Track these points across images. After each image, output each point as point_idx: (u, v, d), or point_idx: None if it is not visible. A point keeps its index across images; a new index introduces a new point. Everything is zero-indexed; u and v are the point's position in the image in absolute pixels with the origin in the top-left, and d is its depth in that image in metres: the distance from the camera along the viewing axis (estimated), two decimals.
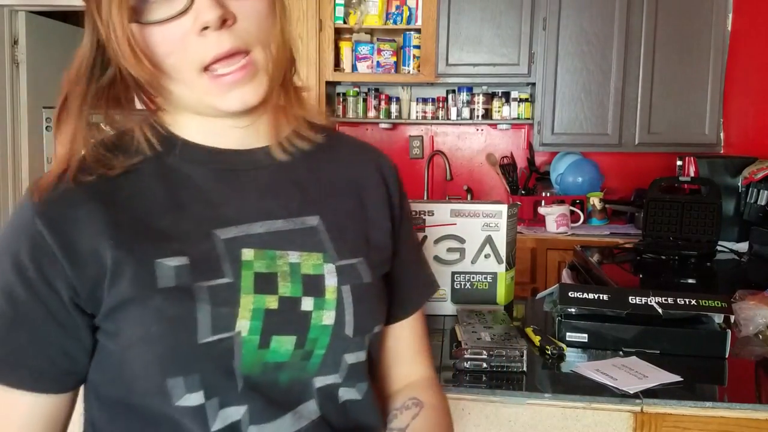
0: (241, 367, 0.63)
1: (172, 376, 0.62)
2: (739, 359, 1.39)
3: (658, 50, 3.39)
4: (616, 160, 3.75)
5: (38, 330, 0.62)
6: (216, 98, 0.64)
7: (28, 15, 4.12)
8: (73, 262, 0.62)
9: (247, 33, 0.62)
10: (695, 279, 2.42)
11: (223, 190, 0.69)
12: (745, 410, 1.16)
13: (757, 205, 2.79)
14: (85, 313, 0.63)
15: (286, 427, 0.66)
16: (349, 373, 0.70)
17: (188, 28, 0.60)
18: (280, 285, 0.66)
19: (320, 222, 0.71)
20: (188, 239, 0.65)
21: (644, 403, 1.17)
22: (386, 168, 0.81)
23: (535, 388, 1.22)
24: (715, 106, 3.40)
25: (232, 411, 0.64)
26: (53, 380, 0.64)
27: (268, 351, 0.64)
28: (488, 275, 1.66)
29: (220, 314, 0.62)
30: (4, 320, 0.62)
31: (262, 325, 0.64)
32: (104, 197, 0.64)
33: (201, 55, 0.61)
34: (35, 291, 0.62)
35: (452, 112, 3.70)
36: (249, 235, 0.67)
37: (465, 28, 3.48)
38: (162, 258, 0.63)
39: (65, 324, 0.63)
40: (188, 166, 0.69)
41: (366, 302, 0.70)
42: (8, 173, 4.08)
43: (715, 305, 1.40)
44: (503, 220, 1.65)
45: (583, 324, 1.41)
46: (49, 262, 0.61)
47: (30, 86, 4.15)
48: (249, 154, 0.71)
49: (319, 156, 0.76)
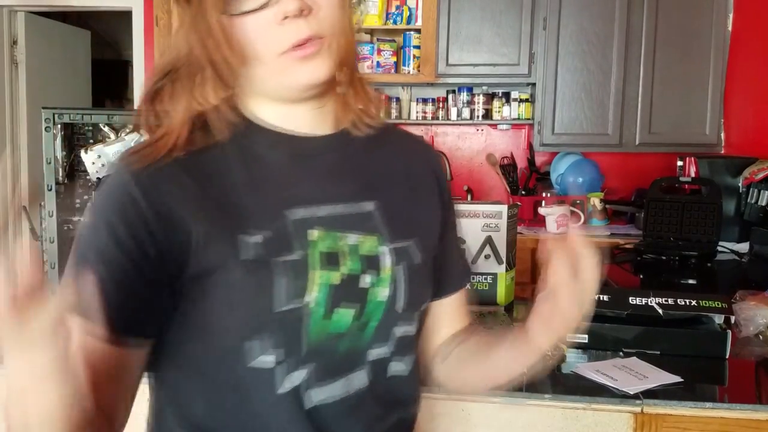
0: (308, 334, 0.70)
1: (249, 339, 0.68)
2: (739, 360, 1.39)
3: (659, 50, 3.39)
4: (616, 161, 3.74)
5: (128, 287, 0.67)
6: (290, 75, 0.70)
7: (27, 15, 4.11)
8: (163, 227, 0.67)
9: (322, 22, 0.69)
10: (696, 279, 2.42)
11: (293, 173, 0.75)
12: (745, 411, 1.16)
13: (757, 205, 2.78)
14: (169, 275, 0.68)
15: (337, 391, 0.72)
16: (398, 346, 0.77)
17: (271, 17, 0.67)
18: (342, 263, 0.73)
19: (376, 207, 0.77)
20: (264, 217, 0.71)
21: (644, 403, 1.17)
22: (435, 158, 0.89)
23: (535, 389, 1.21)
24: (716, 106, 3.39)
25: (296, 375, 0.70)
26: (139, 333, 0.69)
27: (330, 321, 0.71)
28: (488, 276, 1.66)
29: (293, 286, 0.69)
30: (98, 277, 0.64)
31: (327, 298, 0.71)
32: (193, 172, 0.70)
33: (281, 42, 0.68)
34: (126, 250, 0.67)
35: (452, 112, 3.70)
36: (315, 218, 0.73)
37: (465, 28, 3.48)
38: (243, 234, 0.69)
39: (152, 283, 0.68)
40: (263, 148, 0.75)
41: (417, 281, 0.77)
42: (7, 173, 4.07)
43: (716, 306, 1.40)
44: (503, 221, 1.64)
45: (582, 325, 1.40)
46: (141, 225, 0.67)
47: (29, 86, 4.14)
48: (317, 141, 0.77)
49: (376, 145, 0.82)
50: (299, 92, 0.73)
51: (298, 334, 0.69)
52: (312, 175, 0.76)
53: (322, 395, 0.72)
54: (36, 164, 4.12)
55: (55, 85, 4.38)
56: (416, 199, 0.83)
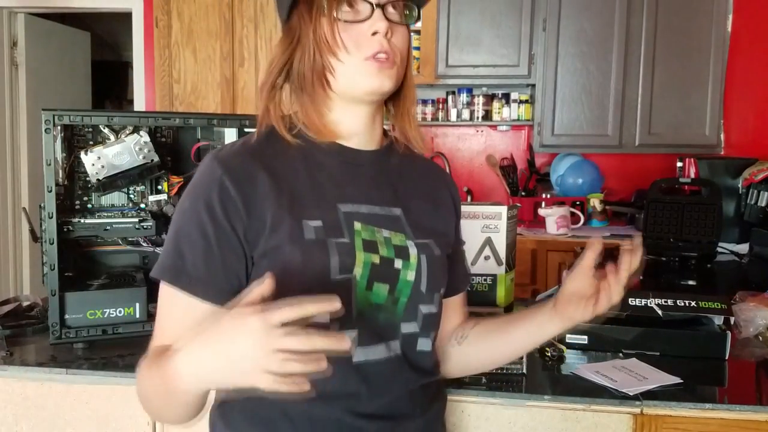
0: (356, 301, 0.87)
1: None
2: (739, 360, 1.39)
3: (658, 51, 3.39)
4: (616, 162, 3.74)
5: (221, 256, 0.85)
6: (366, 78, 0.89)
7: (27, 17, 4.12)
8: (248, 211, 0.86)
9: (395, 47, 0.90)
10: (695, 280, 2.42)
11: (345, 177, 0.94)
12: (745, 411, 1.16)
13: (757, 206, 2.78)
14: (247, 250, 0.87)
15: (380, 353, 0.89)
16: (424, 323, 0.93)
17: (365, 29, 0.88)
18: (380, 248, 0.91)
19: (402, 213, 0.96)
20: (321, 208, 0.89)
21: (644, 404, 1.17)
22: (451, 184, 1.09)
23: (535, 390, 1.22)
24: (716, 106, 3.39)
25: (348, 332, 0.85)
26: (227, 295, 0.83)
27: (371, 293, 0.89)
28: (488, 277, 1.66)
29: (344, 262, 0.87)
30: (198, 248, 0.85)
31: (369, 273, 0.88)
32: (270, 169, 0.89)
33: (369, 49, 0.88)
34: (221, 227, 0.85)
35: (452, 113, 3.70)
36: (358, 213, 0.92)
37: (465, 29, 3.48)
38: (307, 219, 0.87)
39: (239, 254, 0.86)
40: (322, 156, 0.94)
41: (435, 269, 0.95)
42: (7, 174, 4.07)
43: (715, 306, 1.40)
44: (503, 222, 1.64)
45: (583, 326, 1.40)
46: (232, 208, 0.85)
47: (29, 88, 4.14)
48: (363, 154, 0.97)
49: (409, 166, 1.02)
50: (368, 95, 0.91)
51: (350, 300, 0.86)
52: (357, 180, 0.95)
53: (368, 355, 0.88)
54: (36, 166, 4.12)
55: (54, 87, 4.38)
56: (435, 212, 1.01)
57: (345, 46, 0.88)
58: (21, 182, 4.16)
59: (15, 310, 1.58)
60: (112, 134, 1.45)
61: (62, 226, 1.40)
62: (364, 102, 0.93)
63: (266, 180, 0.88)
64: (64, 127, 1.43)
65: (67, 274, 1.44)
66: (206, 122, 1.47)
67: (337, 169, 0.94)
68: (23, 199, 4.14)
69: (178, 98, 3.67)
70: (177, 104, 3.66)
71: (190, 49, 3.64)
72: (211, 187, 0.86)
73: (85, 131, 1.49)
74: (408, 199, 0.98)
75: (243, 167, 0.88)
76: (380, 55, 0.88)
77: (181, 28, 3.63)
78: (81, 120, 1.38)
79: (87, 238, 1.50)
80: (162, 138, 1.58)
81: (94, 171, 1.43)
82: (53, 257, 1.36)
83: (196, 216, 0.86)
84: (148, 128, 1.46)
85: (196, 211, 0.86)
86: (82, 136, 1.49)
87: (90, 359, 1.34)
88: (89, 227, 1.46)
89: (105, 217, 1.50)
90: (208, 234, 0.85)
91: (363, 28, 0.89)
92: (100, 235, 1.48)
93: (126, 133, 1.45)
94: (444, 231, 1.02)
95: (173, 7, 3.62)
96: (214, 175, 0.87)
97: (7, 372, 1.30)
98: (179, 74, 3.66)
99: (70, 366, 1.30)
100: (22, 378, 1.30)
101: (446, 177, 1.11)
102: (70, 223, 1.43)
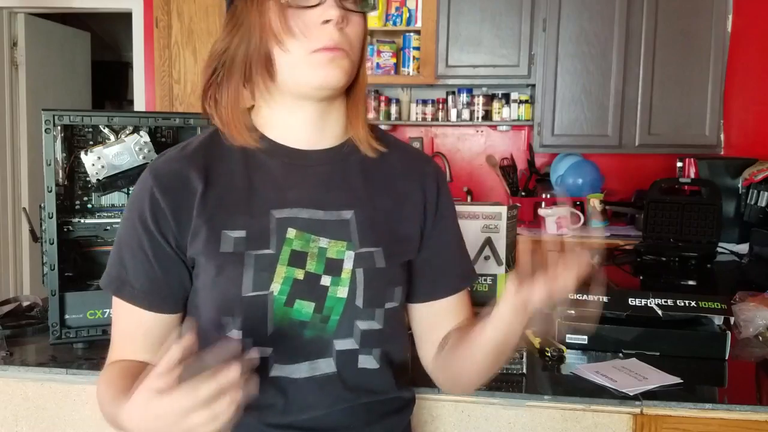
0: (273, 317, 0.84)
1: (224, 315, 0.84)
2: (739, 361, 1.39)
3: (658, 51, 3.39)
4: (616, 162, 3.74)
5: (159, 266, 0.86)
6: (314, 71, 0.81)
7: (27, 17, 4.11)
8: (176, 220, 0.85)
9: (349, 39, 0.82)
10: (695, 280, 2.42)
11: (288, 179, 0.88)
12: (745, 412, 1.16)
13: (757, 206, 2.78)
14: (183, 256, 0.87)
15: (302, 372, 0.85)
16: (363, 339, 0.87)
17: (315, 17, 0.80)
18: (308, 262, 0.86)
19: (353, 216, 0.88)
20: (251, 215, 0.85)
21: (644, 404, 1.17)
22: (429, 176, 0.96)
23: (534, 390, 1.21)
24: (716, 107, 3.39)
25: (263, 350, 0.84)
26: (173, 302, 0.88)
27: (292, 309, 0.85)
28: (488, 277, 1.66)
29: (260, 277, 0.84)
30: (137, 259, 0.86)
31: (289, 290, 0.84)
32: (205, 175, 0.86)
33: (317, 40, 0.80)
34: (155, 238, 0.85)
35: (452, 113, 3.70)
36: (296, 218, 0.86)
37: (465, 30, 3.48)
38: (228, 229, 0.84)
39: (176, 262, 0.86)
40: (265, 156, 0.88)
41: (376, 282, 0.88)
42: (7, 174, 4.07)
43: (715, 307, 1.40)
44: (503, 222, 1.64)
45: (582, 326, 1.41)
46: (162, 219, 0.85)
47: (29, 88, 4.14)
48: (312, 154, 0.90)
49: (376, 161, 0.92)
50: (316, 90, 0.83)
51: (264, 317, 0.83)
52: (304, 182, 0.88)
53: (288, 372, 0.85)
54: (36, 166, 4.13)
55: (54, 87, 4.38)
56: (399, 212, 0.92)
57: (292, 33, 0.80)
58: (21, 182, 4.16)
59: (15, 310, 1.58)
60: (112, 134, 1.45)
61: (62, 226, 1.40)
62: (312, 98, 0.85)
63: (198, 186, 0.85)
64: (64, 127, 1.43)
65: (67, 274, 1.44)
66: (206, 122, 1.47)
67: (279, 171, 0.88)
68: (23, 199, 4.14)
69: (178, 98, 3.67)
70: (177, 104, 3.66)
71: (190, 50, 3.65)
72: (143, 198, 0.86)
73: (85, 131, 1.49)
74: (367, 200, 0.90)
75: (174, 175, 0.86)
76: (325, 53, 0.80)
77: (181, 28, 3.63)
78: (81, 120, 1.38)
79: (87, 238, 1.49)
80: (162, 138, 1.58)
81: (94, 171, 1.43)
82: (53, 257, 1.36)
83: (132, 227, 0.86)
84: (148, 128, 1.45)
85: (132, 223, 0.86)
86: (82, 136, 1.49)
87: (90, 359, 1.33)
88: (89, 227, 1.46)
89: (105, 217, 1.50)
90: (144, 245, 0.86)
91: (313, 15, 0.80)
92: (100, 235, 1.48)
93: (126, 134, 1.45)
94: (406, 234, 0.92)
95: (173, 8, 3.62)
96: (145, 186, 0.86)
97: (7, 372, 1.30)
98: (179, 74, 3.66)
99: (70, 366, 1.30)
100: (22, 378, 1.30)
101: (423, 165, 0.98)
102: (70, 223, 1.43)
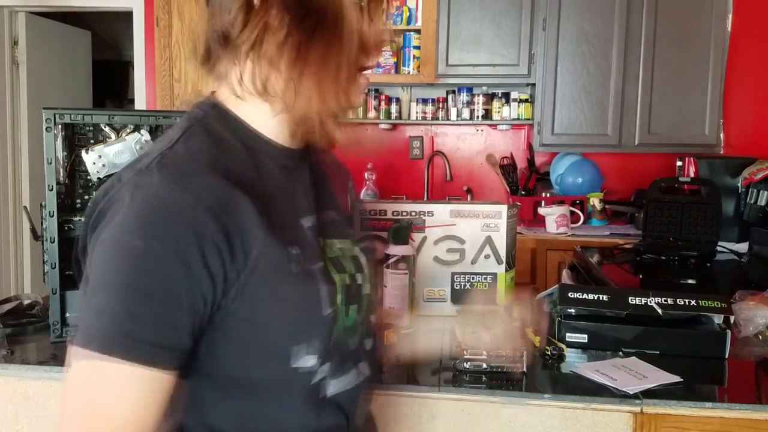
0: (336, 332, 0.76)
1: (298, 343, 0.71)
2: (738, 360, 1.39)
3: (658, 51, 3.39)
4: (616, 161, 3.75)
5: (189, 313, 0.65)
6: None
7: (28, 16, 4.11)
8: (230, 252, 0.65)
9: None
10: (695, 279, 2.42)
11: (288, 184, 0.77)
12: (744, 411, 1.16)
13: (756, 205, 2.78)
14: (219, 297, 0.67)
15: (351, 381, 0.79)
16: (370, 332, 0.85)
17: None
18: (346, 266, 0.80)
19: (336, 215, 0.85)
20: (291, 228, 0.73)
21: (644, 403, 1.17)
22: (349, 176, 0.97)
23: (534, 389, 1.22)
24: (715, 106, 3.39)
25: (324, 368, 0.75)
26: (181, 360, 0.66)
27: (348, 318, 0.78)
28: (488, 276, 1.66)
29: (330, 291, 0.74)
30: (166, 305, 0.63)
31: (345, 298, 0.77)
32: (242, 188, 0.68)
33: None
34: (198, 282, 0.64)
35: (452, 112, 3.70)
36: (315, 226, 0.78)
37: (465, 29, 3.48)
38: (290, 246, 0.71)
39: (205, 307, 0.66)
40: (267, 160, 0.75)
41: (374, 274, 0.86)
42: (8, 173, 4.07)
43: (715, 306, 1.40)
44: (503, 221, 1.64)
45: (582, 324, 1.41)
46: (215, 254, 0.64)
47: (30, 87, 4.14)
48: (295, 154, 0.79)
49: (319, 162, 0.86)
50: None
51: (331, 333, 0.75)
52: (297, 186, 0.79)
53: (339, 386, 0.77)
54: (37, 164, 4.13)
55: (55, 86, 4.38)
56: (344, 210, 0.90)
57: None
58: (22, 181, 4.16)
59: (16, 309, 1.58)
60: (113, 133, 1.45)
61: (63, 225, 1.41)
62: None
63: (247, 204, 0.67)
64: (65, 125, 1.43)
65: (68, 273, 1.44)
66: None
67: (280, 176, 0.76)
68: (24, 198, 4.14)
69: (179, 97, 3.67)
70: (177, 103, 3.66)
71: (191, 49, 3.64)
72: (186, 226, 0.63)
73: (86, 130, 1.49)
74: (333, 200, 0.86)
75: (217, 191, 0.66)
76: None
77: (182, 27, 3.63)
78: (82, 119, 1.38)
79: None
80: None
81: (95, 170, 1.43)
82: (54, 256, 1.36)
83: (164, 267, 0.63)
84: (148, 127, 1.46)
85: (164, 260, 0.63)
86: (83, 135, 1.49)
87: None
88: None
89: None
90: (180, 289, 0.63)
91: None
92: None
93: (127, 132, 1.45)
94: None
95: (174, 7, 3.62)
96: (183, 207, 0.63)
97: (8, 370, 1.30)
98: (180, 73, 3.66)
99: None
100: (22, 377, 1.30)
101: (342, 167, 0.97)
102: (71, 222, 1.43)
